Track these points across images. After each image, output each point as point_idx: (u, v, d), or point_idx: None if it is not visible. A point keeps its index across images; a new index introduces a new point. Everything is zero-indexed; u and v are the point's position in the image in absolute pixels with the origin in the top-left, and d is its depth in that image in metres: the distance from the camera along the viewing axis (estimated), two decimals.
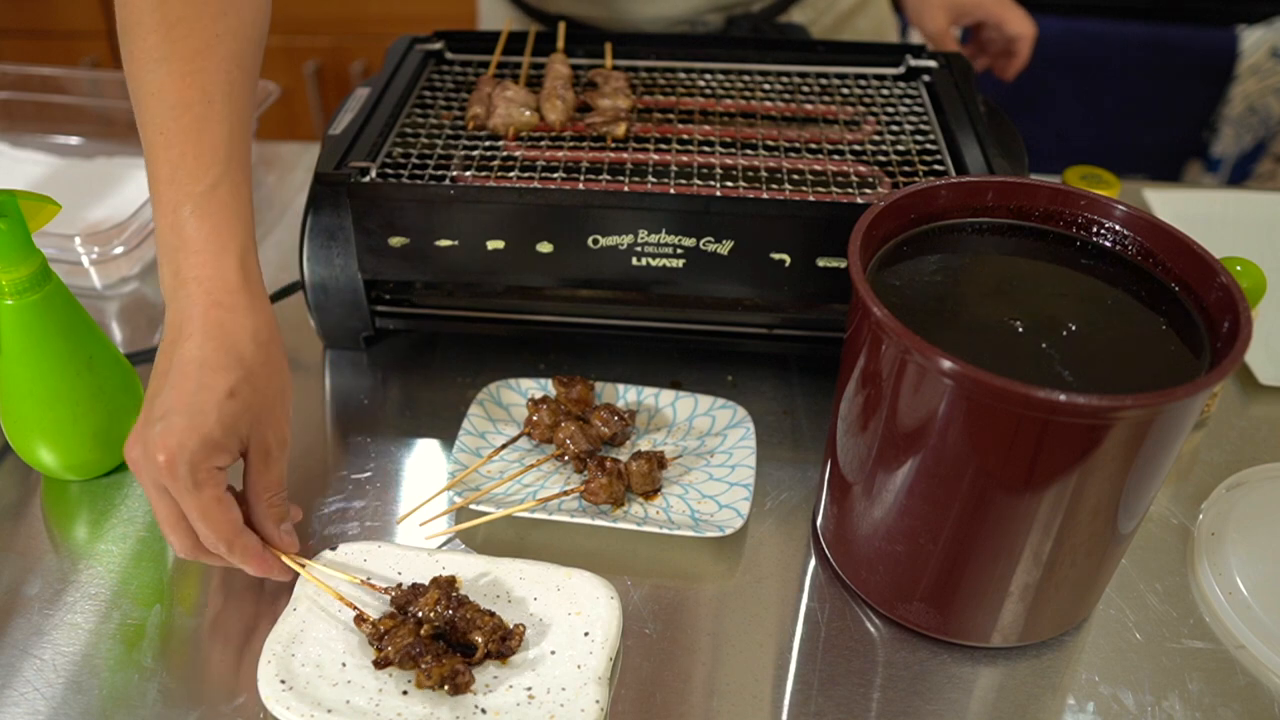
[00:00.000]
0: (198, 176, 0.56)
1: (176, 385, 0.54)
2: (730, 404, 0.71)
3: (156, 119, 0.57)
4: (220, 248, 0.56)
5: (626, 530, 0.64)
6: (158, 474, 0.53)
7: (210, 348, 0.55)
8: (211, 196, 0.57)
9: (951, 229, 0.60)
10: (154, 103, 0.57)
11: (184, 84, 0.57)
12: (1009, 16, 1.08)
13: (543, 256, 0.69)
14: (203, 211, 0.56)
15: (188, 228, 0.56)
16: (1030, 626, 0.56)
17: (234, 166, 0.58)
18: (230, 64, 0.59)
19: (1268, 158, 1.79)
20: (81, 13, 1.92)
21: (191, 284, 0.56)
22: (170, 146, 0.57)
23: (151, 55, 0.57)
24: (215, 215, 0.57)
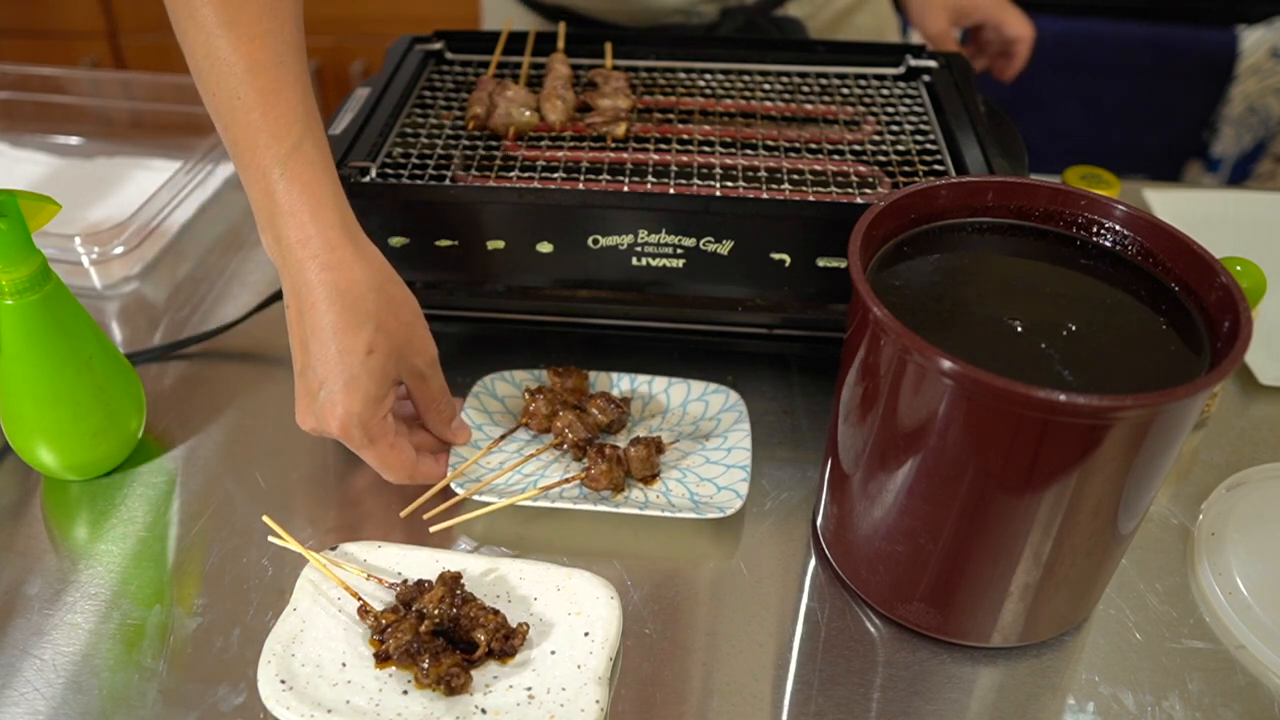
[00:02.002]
0: (280, 138, 0.57)
1: (320, 355, 0.58)
2: (723, 389, 0.71)
3: (228, 86, 0.57)
4: (315, 205, 0.57)
5: (627, 521, 0.64)
6: (337, 437, 0.60)
7: (336, 311, 0.57)
8: (297, 156, 0.57)
9: (951, 229, 0.60)
10: (223, 70, 0.57)
11: (253, 47, 0.57)
12: (1008, 19, 1.09)
13: (543, 256, 0.69)
14: (291, 173, 0.57)
15: (279, 192, 0.57)
16: (1030, 626, 0.56)
17: (312, 123, 0.59)
18: (293, 23, 0.59)
19: (1268, 158, 1.79)
20: (81, 13, 1.92)
21: (296, 248, 0.57)
22: (249, 111, 0.57)
23: (212, 24, 0.57)
24: (304, 174, 0.57)
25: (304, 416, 0.60)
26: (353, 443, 0.60)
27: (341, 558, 0.60)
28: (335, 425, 0.58)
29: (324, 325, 0.57)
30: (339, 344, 0.58)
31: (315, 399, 0.59)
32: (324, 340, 0.58)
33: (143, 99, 1.10)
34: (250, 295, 0.85)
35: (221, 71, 0.57)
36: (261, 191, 0.57)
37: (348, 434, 0.59)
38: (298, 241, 0.57)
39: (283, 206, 0.57)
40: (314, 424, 0.60)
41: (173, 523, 0.65)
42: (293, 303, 0.59)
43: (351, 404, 0.58)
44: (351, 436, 0.59)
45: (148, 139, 1.07)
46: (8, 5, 1.93)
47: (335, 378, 0.58)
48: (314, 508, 0.66)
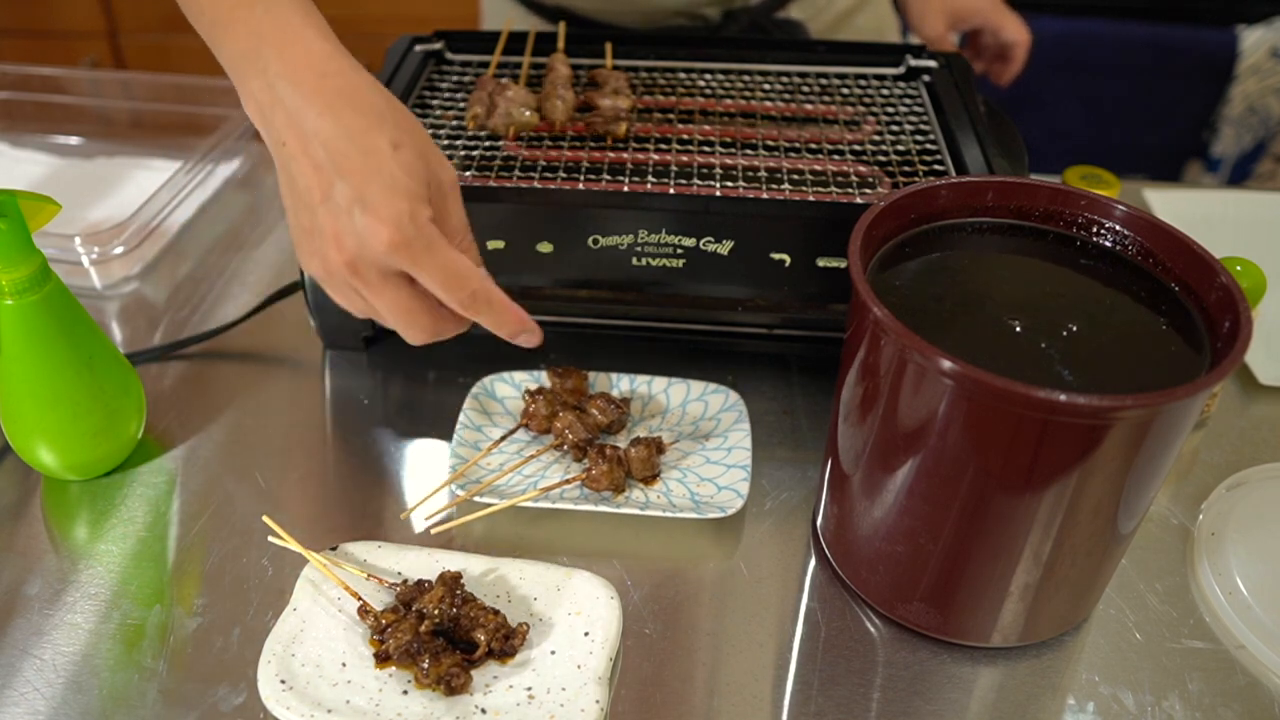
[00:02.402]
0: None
1: (342, 168, 0.51)
2: (722, 389, 0.71)
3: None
4: (304, 26, 0.54)
5: (627, 521, 0.64)
6: (386, 258, 0.50)
7: (347, 116, 0.51)
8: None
9: (951, 229, 0.60)
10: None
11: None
12: (1005, 24, 1.10)
13: (543, 256, 0.69)
14: (275, 9, 0.54)
15: (264, 25, 0.53)
16: (1030, 626, 0.57)
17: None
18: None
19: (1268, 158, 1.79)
20: (81, 13, 1.92)
21: (291, 72, 0.52)
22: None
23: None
24: (288, 7, 0.54)
25: (327, 250, 0.51)
26: (413, 252, 0.51)
27: (341, 558, 0.60)
28: (387, 234, 0.50)
29: (337, 134, 0.51)
30: (362, 146, 0.51)
31: (348, 220, 0.50)
32: (343, 150, 0.51)
33: (143, 99, 1.10)
34: (250, 295, 0.85)
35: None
36: (247, 33, 0.53)
37: (406, 242, 0.50)
38: (291, 65, 0.52)
39: (270, 38, 0.53)
40: (352, 249, 0.51)
41: (173, 523, 0.65)
42: (291, 138, 0.52)
43: (400, 205, 0.50)
44: (411, 244, 0.50)
45: (148, 139, 1.07)
46: (8, 5, 1.93)
47: (371, 184, 0.50)
48: (314, 508, 0.66)
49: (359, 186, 0.50)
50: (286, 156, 0.53)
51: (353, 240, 0.51)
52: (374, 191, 0.50)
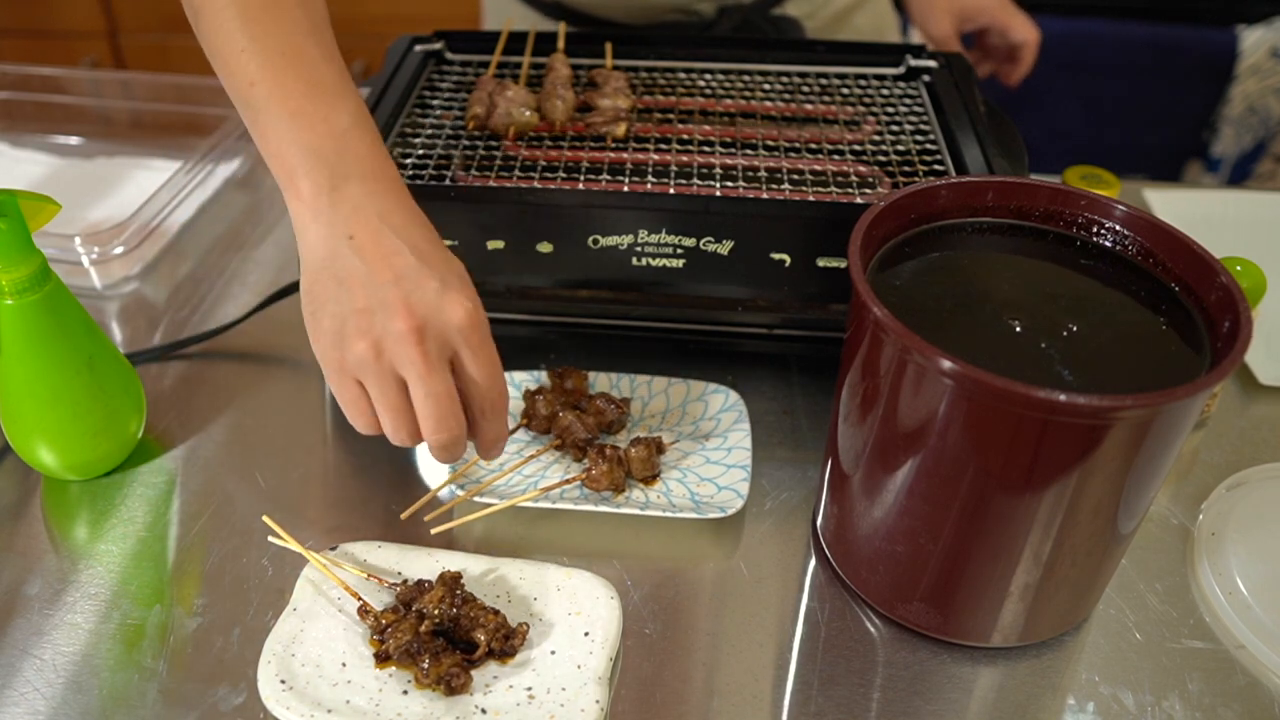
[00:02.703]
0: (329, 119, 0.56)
1: (425, 258, 0.54)
2: (723, 389, 0.71)
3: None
4: (380, 148, 0.57)
5: (628, 521, 0.64)
6: (458, 330, 0.54)
7: (425, 228, 0.56)
8: (359, 125, 0.57)
9: (951, 229, 0.60)
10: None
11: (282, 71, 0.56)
12: (1013, 23, 1.09)
13: (543, 256, 0.69)
14: (362, 121, 0.57)
15: (347, 130, 0.56)
16: (1030, 626, 0.56)
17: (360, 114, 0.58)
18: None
19: (1268, 158, 1.79)
20: (81, 13, 1.92)
21: (371, 180, 0.56)
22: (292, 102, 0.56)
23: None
24: (367, 127, 0.57)
25: (393, 319, 0.53)
26: (480, 333, 0.54)
27: (341, 558, 0.60)
28: (465, 309, 0.53)
29: (421, 236, 0.55)
30: (440, 248, 0.55)
31: (427, 293, 0.53)
32: (424, 247, 0.55)
33: (143, 99, 1.10)
34: (250, 295, 0.85)
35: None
36: (326, 131, 0.55)
37: (477, 322, 0.54)
38: (372, 171, 0.56)
39: (352, 143, 0.56)
40: (423, 316, 0.53)
41: (173, 523, 0.65)
42: (360, 227, 0.54)
43: (473, 295, 0.54)
44: (480, 326, 0.54)
45: (148, 139, 1.07)
46: (8, 5, 1.93)
47: (451, 272, 0.54)
48: (314, 508, 0.66)
49: (441, 272, 0.54)
50: (349, 247, 0.54)
51: (427, 309, 0.53)
52: (454, 280, 0.54)
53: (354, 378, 0.55)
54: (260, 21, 0.56)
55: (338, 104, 0.57)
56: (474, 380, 0.55)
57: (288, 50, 0.56)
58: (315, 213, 0.55)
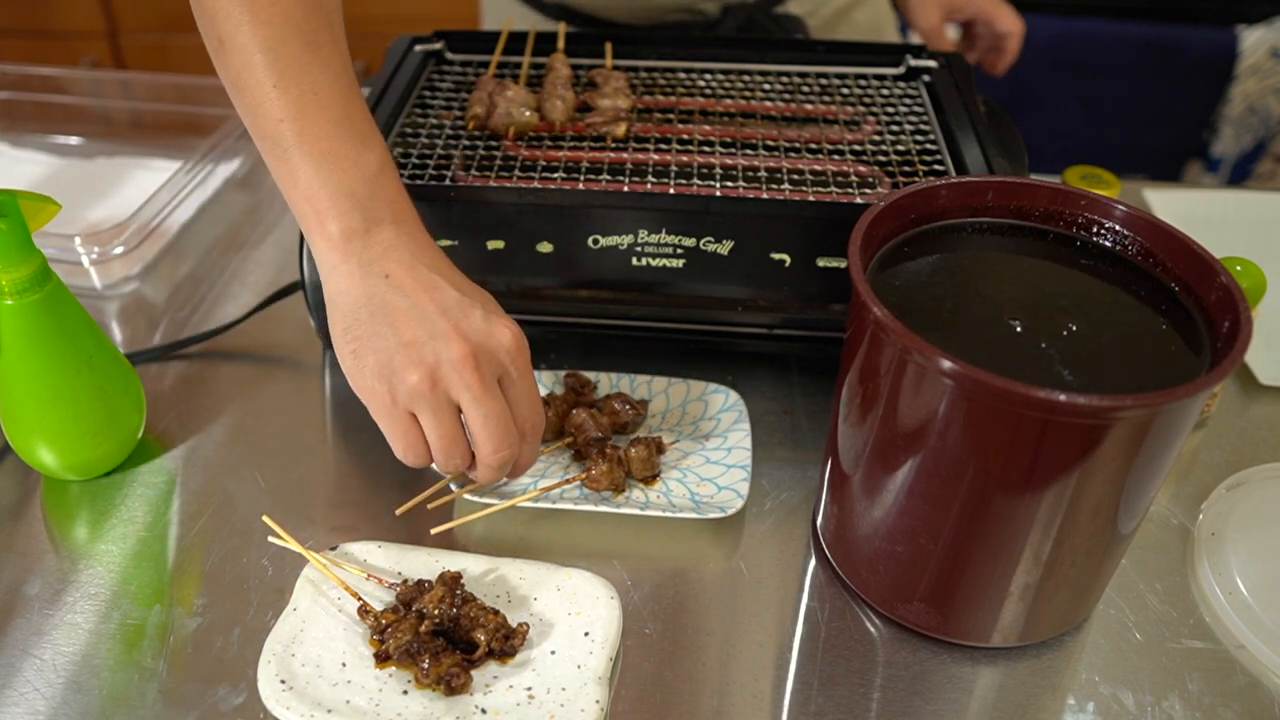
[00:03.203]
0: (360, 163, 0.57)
1: (465, 292, 0.56)
2: (723, 389, 0.71)
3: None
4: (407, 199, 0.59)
5: (628, 521, 0.64)
6: (510, 353, 0.55)
7: (453, 270, 0.58)
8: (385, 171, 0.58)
9: (951, 229, 0.60)
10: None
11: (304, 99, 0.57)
12: (999, 14, 1.12)
13: (543, 256, 0.69)
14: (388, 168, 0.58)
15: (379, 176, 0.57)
16: (1030, 626, 0.56)
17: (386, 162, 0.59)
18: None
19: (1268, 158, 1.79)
20: (81, 13, 1.92)
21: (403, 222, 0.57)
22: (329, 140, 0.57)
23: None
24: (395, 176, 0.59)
25: (446, 346, 0.54)
26: (526, 358, 0.57)
27: (341, 558, 0.60)
28: (513, 335, 0.56)
29: (457, 277, 0.57)
30: (472, 284, 0.57)
31: (477, 320, 0.55)
32: (463, 284, 0.57)
33: (143, 99, 1.10)
34: (250, 295, 0.85)
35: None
36: (360, 176, 0.56)
37: (523, 348, 0.56)
38: (404, 214, 0.58)
39: (383, 188, 0.57)
40: (478, 342, 0.54)
41: (173, 523, 0.65)
42: (398, 267, 0.56)
43: (514, 322, 0.56)
44: (525, 351, 0.56)
45: (148, 139, 1.07)
46: (8, 5, 1.93)
47: (490, 303, 0.57)
48: (314, 508, 0.66)
49: (482, 301, 0.56)
50: (387, 285, 0.55)
51: (478, 335, 0.55)
52: (494, 309, 0.57)
53: (406, 410, 0.55)
54: (294, 60, 0.56)
55: (367, 145, 0.57)
56: (519, 403, 0.57)
57: (320, 90, 0.57)
58: (346, 254, 0.56)
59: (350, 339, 0.56)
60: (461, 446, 0.56)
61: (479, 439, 0.56)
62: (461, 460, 0.57)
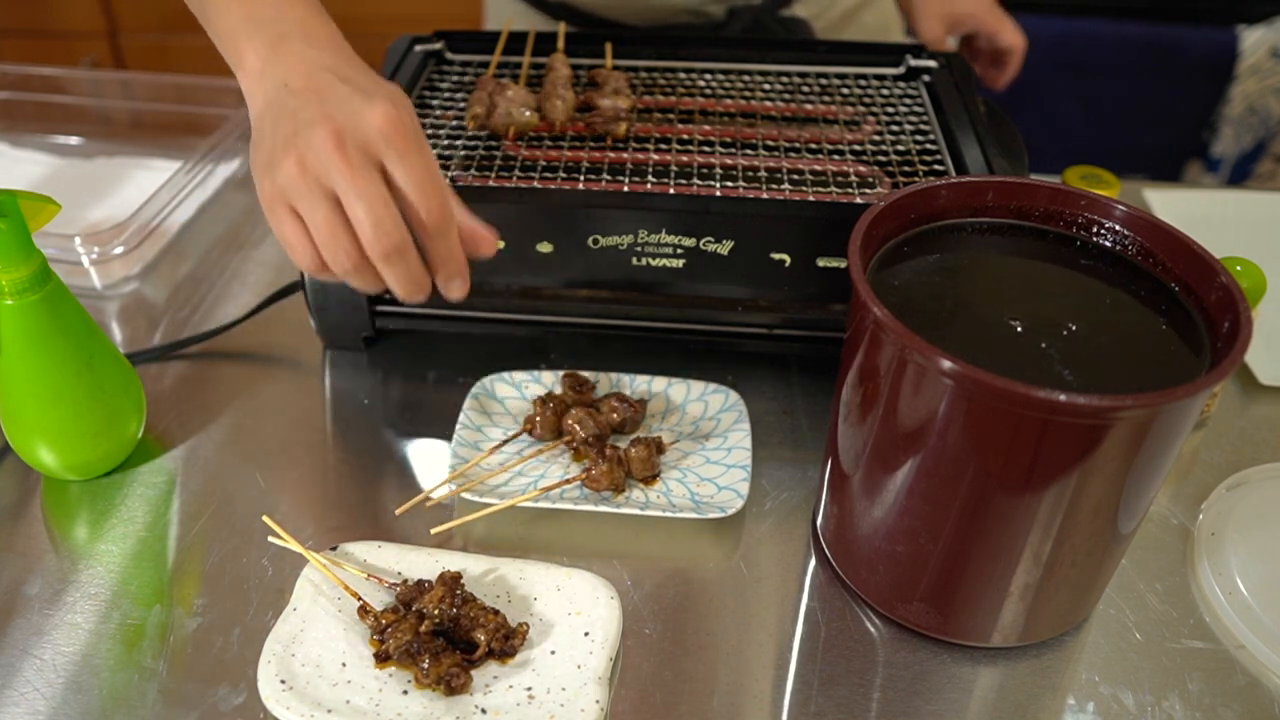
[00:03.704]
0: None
1: (351, 80, 0.54)
2: (723, 389, 0.71)
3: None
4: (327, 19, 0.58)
5: (628, 521, 0.64)
6: (379, 136, 0.52)
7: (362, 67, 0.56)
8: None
9: (951, 229, 0.60)
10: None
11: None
12: (1001, 29, 1.12)
13: (543, 256, 0.69)
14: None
15: (293, 7, 0.57)
16: (1030, 626, 0.56)
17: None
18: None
19: (1268, 158, 1.79)
20: (81, 13, 1.92)
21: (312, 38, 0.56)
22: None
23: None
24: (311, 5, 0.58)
25: (315, 133, 0.52)
26: (405, 138, 0.53)
27: (341, 558, 0.60)
28: (383, 111, 0.52)
29: (355, 69, 0.56)
30: (377, 81, 0.55)
31: (348, 104, 0.53)
32: (353, 74, 0.55)
33: (143, 99, 1.10)
34: (250, 295, 0.85)
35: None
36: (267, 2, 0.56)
37: (400, 125, 0.52)
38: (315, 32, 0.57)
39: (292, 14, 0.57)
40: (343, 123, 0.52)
41: (173, 523, 0.65)
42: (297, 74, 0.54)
43: (400, 101, 0.53)
44: (405, 130, 0.52)
45: (148, 139, 1.07)
46: (8, 5, 1.93)
47: (378, 86, 0.54)
48: (314, 508, 0.66)
49: (364, 87, 0.53)
50: (285, 93, 0.54)
51: (345, 116, 0.52)
52: (382, 93, 0.53)
53: (288, 206, 0.54)
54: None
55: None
56: (404, 188, 0.53)
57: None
58: (260, 76, 0.56)
59: (252, 150, 0.56)
60: (344, 238, 0.53)
61: (357, 228, 0.53)
62: (348, 256, 0.53)
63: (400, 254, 0.53)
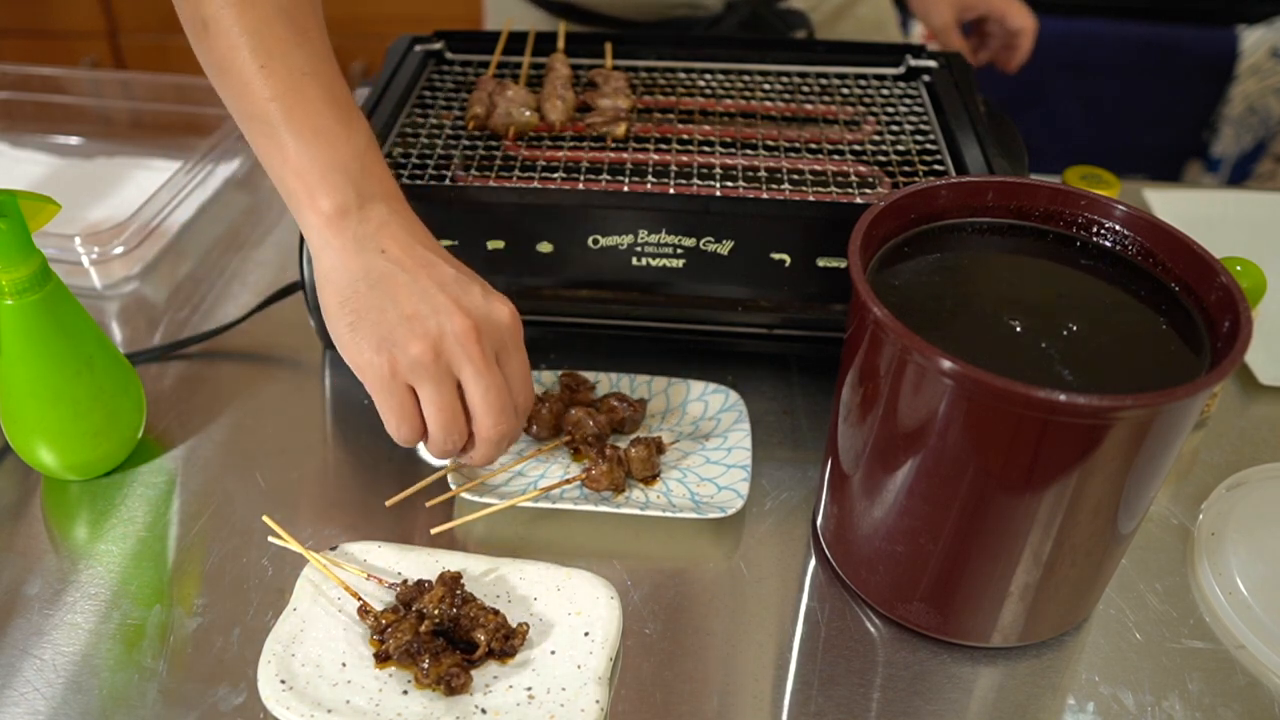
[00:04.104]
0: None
1: (462, 271, 0.57)
2: (723, 389, 0.71)
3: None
4: (388, 170, 0.59)
5: (627, 521, 0.64)
6: (509, 328, 0.57)
7: (444, 250, 0.58)
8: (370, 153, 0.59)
9: (951, 229, 0.60)
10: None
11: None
12: (1011, 11, 1.12)
13: (543, 256, 0.69)
14: (373, 146, 0.59)
15: (366, 152, 0.58)
16: (1030, 626, 0.56)
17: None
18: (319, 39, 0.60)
19: (1268, 158, 1.79)
20: (81, 13, 1.92)
21: (393, 199, 0.58)
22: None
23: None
24: (376, 147, 0.59)
25: (449, 319, 0.54)
26: (517, 336, 0.58)
27: (341, 558, 0.60)
28: (509, 311, 0.57)
29: (440, 250, 0.58)
30: (464, 265, 0.58)
31: (475, 296, 0.56)
32: (450, 259, 0.57)
33: (143, 99, 1.10)
34: (250, 295, 0.85)
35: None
36: (350, 152, 0.57)
37: (519, 325, 0.58)
38: (393, 192, 0.58)
39: (374, 170, 0.58)
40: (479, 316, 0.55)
41: (173, 523, 0.65)
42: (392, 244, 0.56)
43: (509, 306, 0.58)
44: (520, 328, 0.58)
45: (148, 139, 1.07)
46: (8, 5, 1.93)
47: (484, 282, 0.58)
48: (314, 508, 0.66)
49: (480, 282, 0.57)
50: (384, 260, 0.56)
51: (479, 310, 0.55)
52: (489, 288, 0.58)
53: (405, 383, 0.55)
54: (281, 41, 0.57)
55: (354, 124, 0.58)
56: (514, 378, 0.58)
57: (307, 70, 0.57)
58: (340, 230, 0.56)
59: (348, 311, 0.56)
60: (460, 422, 0.56)
61: (479, 412, 0.56)
62: (460, 436, 0.57)
63: (509, 436, 0.58)
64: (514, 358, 0.58)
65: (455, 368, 0.55)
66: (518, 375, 0.58)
